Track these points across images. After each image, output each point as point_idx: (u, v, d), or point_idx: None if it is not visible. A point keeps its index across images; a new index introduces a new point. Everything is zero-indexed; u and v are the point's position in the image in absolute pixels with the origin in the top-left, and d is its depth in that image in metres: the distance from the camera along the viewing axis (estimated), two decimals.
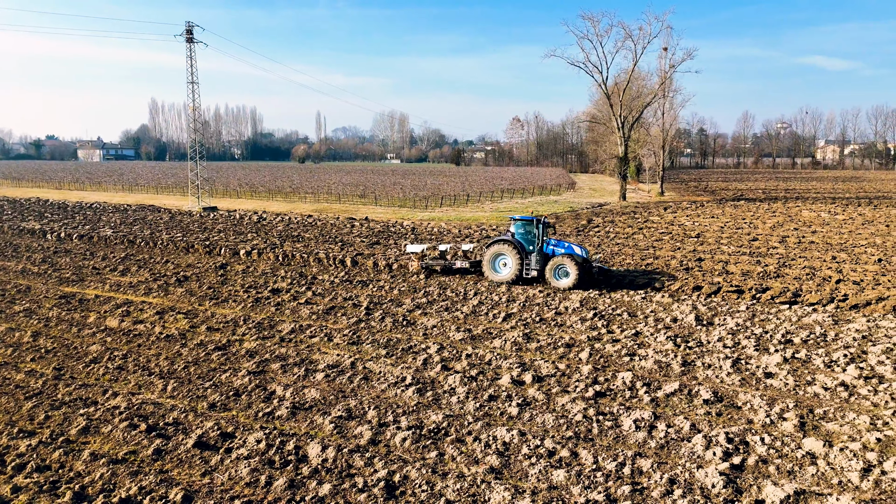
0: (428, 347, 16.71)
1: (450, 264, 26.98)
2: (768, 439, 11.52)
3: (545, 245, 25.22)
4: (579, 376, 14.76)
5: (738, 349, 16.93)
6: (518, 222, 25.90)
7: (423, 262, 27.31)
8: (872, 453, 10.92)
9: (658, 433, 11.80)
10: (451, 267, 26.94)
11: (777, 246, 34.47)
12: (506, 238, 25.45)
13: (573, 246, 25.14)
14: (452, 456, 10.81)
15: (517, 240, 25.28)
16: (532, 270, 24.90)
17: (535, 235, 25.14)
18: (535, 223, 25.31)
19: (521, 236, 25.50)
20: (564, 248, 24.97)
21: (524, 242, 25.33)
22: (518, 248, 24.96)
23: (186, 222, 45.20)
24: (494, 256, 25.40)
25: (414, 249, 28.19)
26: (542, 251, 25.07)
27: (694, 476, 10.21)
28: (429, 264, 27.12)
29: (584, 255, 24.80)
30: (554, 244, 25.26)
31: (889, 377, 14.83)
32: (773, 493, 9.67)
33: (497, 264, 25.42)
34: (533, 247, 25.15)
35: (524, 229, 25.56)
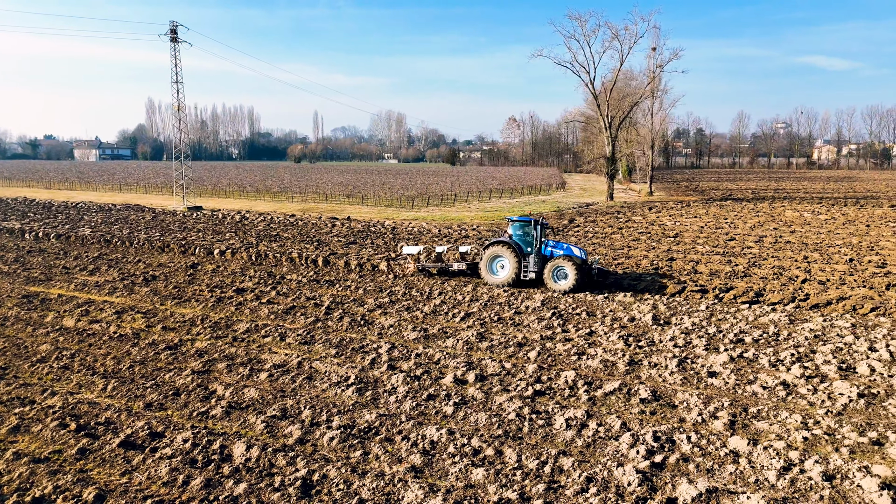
0: (379, 347, 16.76)
1: (447, 266, 26.57)
2: (695, 438, 11.59)
3: (543, 246, 24.72)
4: (523, 375, 14.82)
5: (687, 348, 16.99)
6: (516, 223, 25.42)
7: (419, 264, 26.92)
8: (795, 452, 10.99)
9: (587, 432, 11.86)
10: (448, 269, 26.52)
11: (752, 246, 34.54)
12: (503, 240, 25.00)
13: (572, 247, 24.66)
14: (377, 455, 10.87)
15: (515, 241, 24.81)
16: (530, 272, 24.39)
17: (533, 237, 24.66)
18: (533, 224, 24.79)
19: (519, 238, 25.02)
20: (563, 250, 24.50)
21: (522, 244, 24.83)
22: (516, 249, 24.50)
23: (168, 222, 45.22)
24: (492, 258, 24.96)
25: (410, 251, 27.72)
26: (540, 253, 24.57)
27: (612, 474, 10.27)
28: (425, 266, 26.75)
29: (582, 257, 24.38)
30: (552, 245, 24.79)
31: (831, 377, 14.91)
32: (686, 492, 9.73)
33: (494, 266, 24.99)
34: (531, 248, 24.66)
35: (522, 231, 25.08)
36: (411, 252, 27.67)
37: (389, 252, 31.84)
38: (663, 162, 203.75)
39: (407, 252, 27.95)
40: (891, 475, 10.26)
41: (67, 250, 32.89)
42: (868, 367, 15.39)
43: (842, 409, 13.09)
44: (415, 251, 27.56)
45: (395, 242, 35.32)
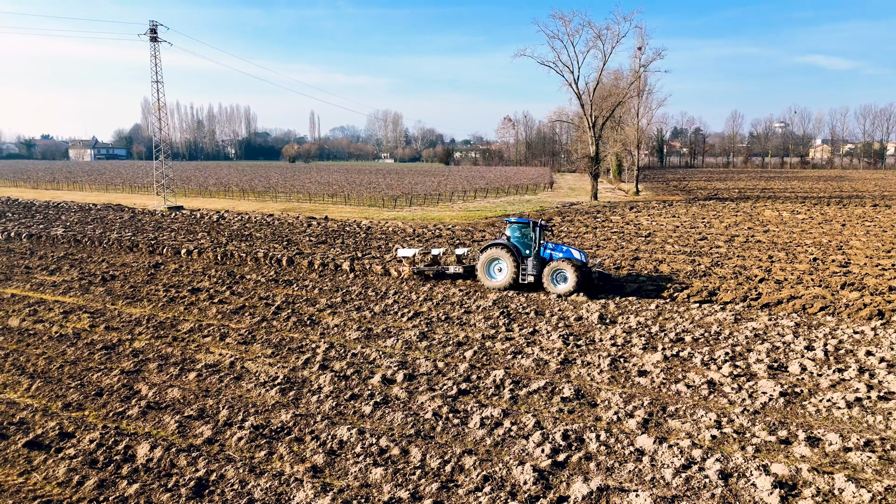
0: (318, 347, 16.79)
1: (443, 269, 25.96)
2: (604, 436, 11.63)
3: (542, 249, 24.11)
4: (454, 374, 14.85)
5: (625, 348, 17.03)
6: (514, 225, 24.83)
7: (414, 267, 26.37)
8: (699, 451, 11.03)
9: (500, 431, 11.89)
10: (445, 272, 25.91)
11: (721, 245, 34.59)
12: (501, 242, 24.36)
13: (572, 250, 24.10)
14: (281, 455, 10.90)
15: (513, 244, 24.20)
16: (528, 276, 23.78)
17: (532, 239, 24.08)
18: (532, 226, 24.22)
19: (517, 240, 24.42)
20: (563, 253, 23.88)
21: (520, 246, 24.23)
22: (514, 252, 23.88)
23: (144, 222, 45.20)
24: (489, 261, 24.31)
25: (405, 254, 27.01)
26: (539, 255, 23.97)
27: (511, 473, 10.30)
28: (421, 269, 26.19)
29: (583, 260, 23.80)
30: (552, 248, 24.15)
31: (760, 375, 14.95)
32: (578, 490, 9.77)
33: (492, 269, 24.35)
34: (529, 251, 24.09)
35: (520, 232, 24.49)
36: (406, 255, 26.96)
37: (355, 252, 31.86)
38: (657, 161, 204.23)
39: (402, 255, 27.18)
40: (787, 474, 10.30)
41: (35, 250, 32.89)
42: (799, 367, 15.44)
43: (760, 407, 13.14)
44: (410, 254, 26.89)
45: (365, 243, 35.35)
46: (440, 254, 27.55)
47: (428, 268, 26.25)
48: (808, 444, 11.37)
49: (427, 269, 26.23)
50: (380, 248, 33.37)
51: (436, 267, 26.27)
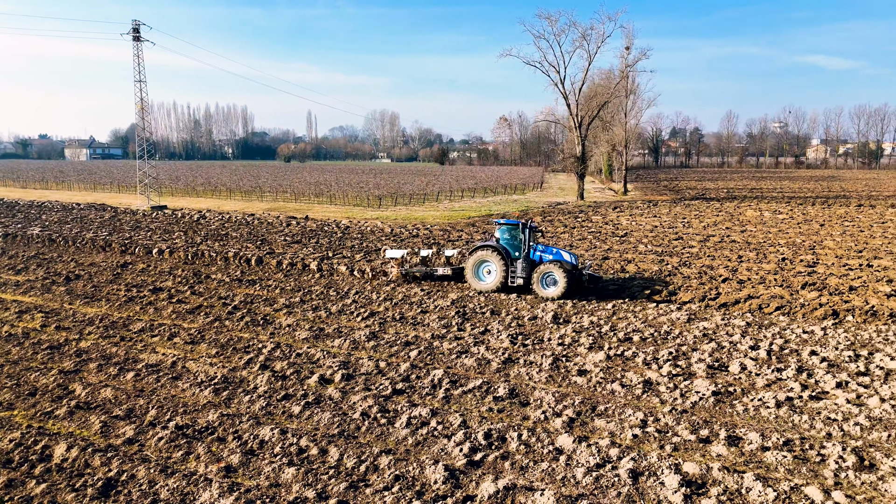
0: (264, 347, 16.81)
1: (431, 271, 25.67)
2: (526, 435, 11.66)
3: (532, 251, 23.66)
4: (393, 375, 14.88)
5: (571, 347, 17.06)
6: (503, 227, 24.43)
7: (403, 268, 26.05)
8: (616, 450, 11.06)
9: (424, 430, 11.92)
10: (433, 274, 25.59)
11: (694, 245, 34.63)
12: (490, 244, 23.96)
13: (562, 252, 23.62)
14: (198, 455, 10.92)
15: (502, 245, 23.80)
16: (518, 278, 23.33)
17: (522, 241, 23.66)
18: (521, 228, 23.81)
19: (507, 242, 24.01)
20: (552, 255, 23.41)
21: (510, 248, 23.81)
22: (503, 254, 23.45)
23: (124, 221, 45.20)
24: (478, 263, 23.88)
25: (393, 255, 26.57)
26: (528, 258, 23.50)
27: (423, 472, 10.33)
28: (409, 271, 25.91)
29: (573, 262, 23.32)
30: (541, 250, 23.68)
31: (699, 375, 14.99)
32: (486, 489, 9.80)
33: (481, 272, 23.95)
34: (519, 253, 23.65)
35: (509, 234, 24.08)
36: (394, 256, 26.57)
37: (327, 251, 31.86)
38: (652, 161, 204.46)
39: (390, 256, 26.79)
40: (698, 473, 10.34)
41: (6, 249, 32.88)
42: (739, 366, 15.49)
43: (690, 407, 13.18)
44: (398, 255, 26.47)
45: (339, 242, 35.36)
46: (429, 255, 27.17)
47: (416, 269, 25.92)
48: (727, 444, 11.40)
49: (415, 270, 25.90)
50: (353, 247, 33.40)
51: (424, 268, 25.94)
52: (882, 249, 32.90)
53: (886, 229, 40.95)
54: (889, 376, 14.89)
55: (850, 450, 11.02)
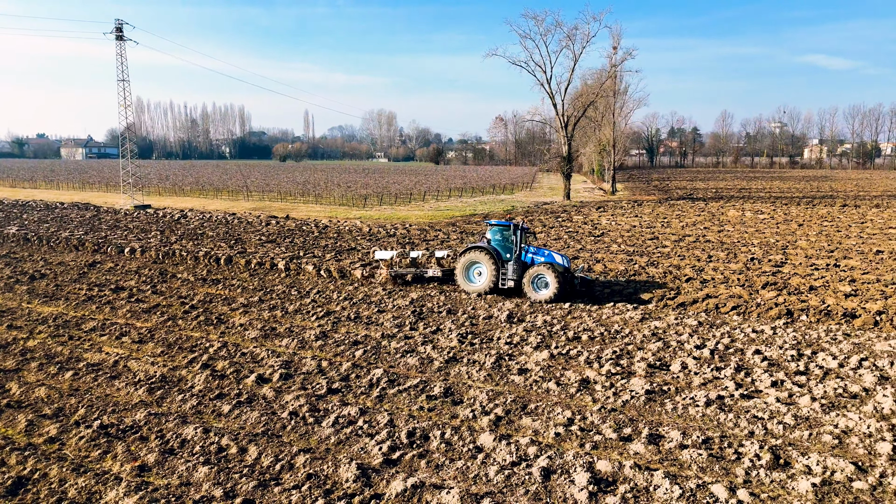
0: (211, 346, 16.84)
1: (422, 272, 25.27)
2: (450, 434, 11.69)
3: (524, 253, 23.32)
4: (333, 374, 14.91)
5: (518, 346, 17.10)
6: (494, 228, 24.13)
7: (392, 270, 25.55)
8: (535, 448, 11.09)
9: (349, 430, 11.95)
10: (423, 275, 25.21)
11: (667, 245, 34.68)
12: (481, 245, 23.57)
13: (554, 254, 23.20)
14: (116, 454, 10.94)
15: (493, 247, 23.49)
16: (509, 280, 22.97)
17: (513, 242, 23.31)
18: (513, 229, 23.44)
19: (498, 243, 23.70)
20: (544, 257, 23.05)
21: (501, 250, 23.52)
22: (494, 255, 23.11)
23: (104, 220, 45.18)
24: (468, 265, 23.53)
25: (382, 256, 26.03)
26: (519, 259, 23.16)
27: (336, 471, 10.36)
28: (398, 272, 25.43)
29: (565, 265, 22.89)
30: (533, 252, 23.33)
31: (639, 374, 15.04)
32: (395, 487, 9.83)
33: (471, 273, 23.61)
34: (510, 255, 23.32)
35: (501, 235, 23.77)
36: (383, 257, 26.04)
37: (299, 251, 31.88)
38: (647, 161, 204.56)
39: (379, 257, 26.26)
40: (610, 471, 10.38)
41: None
42: (681, 365, 15.53)
43: (620, 406, 13.22)
44: (387, 256, 25.93)
45: (313, 242, 35.38)
46: (419, 256, 26.69)
47: (406, 270, 25.47)
48: (648, 442, 11.44)
49: (405, 271, 25.45)
50: (326, 247, 33.42)
51: (414, 270, 25.51)
52: (854, 249, 32.97)
53: (863, 229, 41.04)
54: (827, 376, 14.95)
55: (767, 448, 11.07)
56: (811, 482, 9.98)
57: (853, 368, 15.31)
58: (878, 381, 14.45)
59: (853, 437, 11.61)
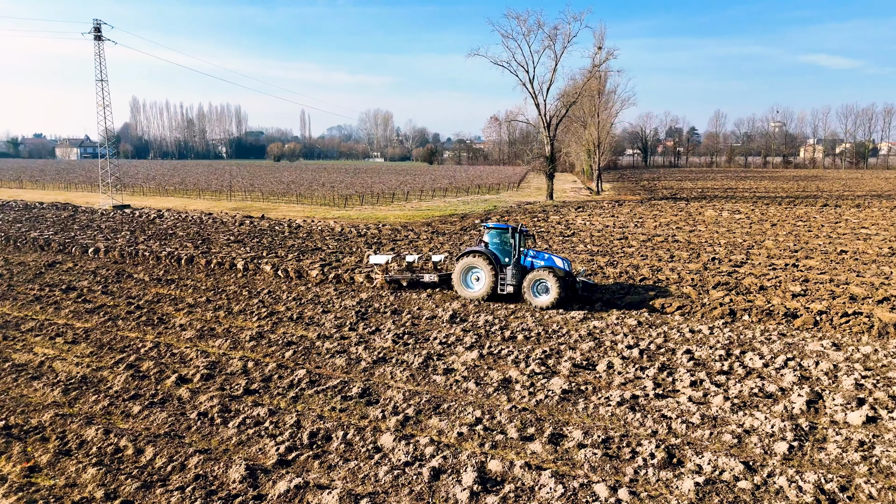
0: (143, 347, 16.83)
1: (417, 277, 24.38)
2: (352, 434, 11.70)
3: (523, 257, 22.46)
4: (256, 374, 14.91)
5: (451, 346, 17.10)
6: (492, 231, 23.23)
7: (387, 275, 24.86)
8: (432, 447, 11.10)
9: (253, 430, 11.95)
10: (419, 280, 24.35)
11: (634, 245, 34.71)
12: (478, 249, 22.74)
13: (554, 258, 22.31)
14: (11, 455, 10.92)
15: (491, 251, 22.57)
16: (508, 286, 22.07)
17: (512, 246, 22.41)
18: (511, 232, 22.55)
19: (496, 247, 22.81)
20: (544, 261, 22.15)
21: (499, 254, 22.58)
22: (492, 260, 22.22)
23: (79, 220, 45.14)
24: (466, 270, 22.71)
25: (377, 261, 25.52)
26: (519, 264, 22.25)
27: (226, 472, 10.36)
28: (394, 277, 24.61)
29: (566, 269, 22.12)
30: (533, 256, 22.45)
31: (562, 373, 15.05)
32: (279, 488, 9.83)
33: (469, 279, 22.78)
34: (509, 259, 22.39)
35: (499, 239, 22.87)
36: (378, 262, 25.50)
37: (262, 251, 31.88)
38: (641, 161, 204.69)
39: (374, 262, 25.72)
40: (500, 470, 10.38)
41: None
42: (606, 365, 15.55)
43: (534, 405, 13.23)
44: (382, 261, 25.39)
45: (280, 242, 35.37)
46: (414, 260, 25.94)
47: (401, 276, 24.67)
48: (548, 442, 11.45)
49: (400, 277, 24.60)
50: (291, 247, 33.41)
51: (410, 275, 24.67)
52: (818, 250, 33.01)
53: (835, 230, 41.08)
54: (749, 375, 14.97)
55: (663, 448, 11.08)
56: (695, 481, 9.99)
57: (777, 368, 15.33)
58: (797, 381, 14.47)
59: (753, 437, 11.63)
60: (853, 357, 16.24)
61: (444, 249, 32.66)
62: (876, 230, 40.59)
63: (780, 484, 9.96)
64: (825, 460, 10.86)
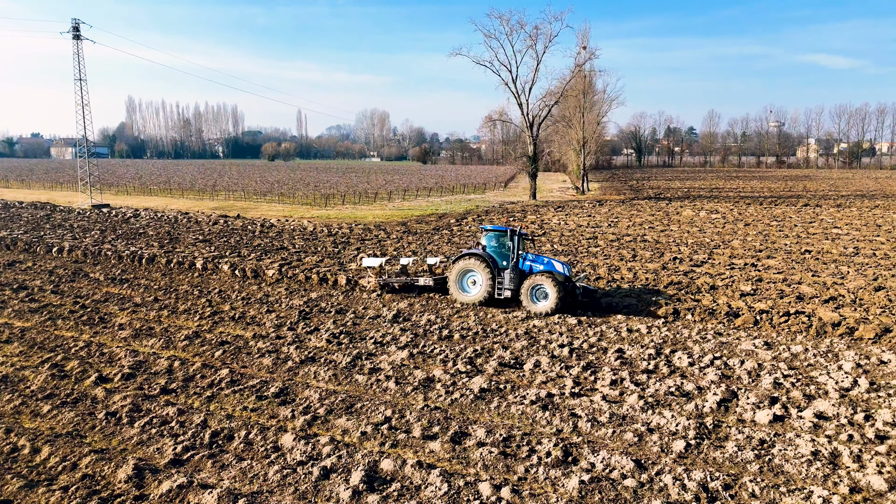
0: (74, 346, 16.77)
1: (412, 281, 23.62)
2: (254, 434, 11.67)
3: (521, 261, 21.69)
4: (179, 374, 14.84)
5: (385, 346, 17.07)
6: (490, 233, 22.54)
7: (380, 278, 24.03)
8: (330, 447, 11.06)
9: (156, 430, 11.90)
10: (414, 284, 23.56)
11: (601, 245, 34.70)
12: (475, 252, 22.00)
13: (553, 262, 21.51)
14: None
15: (488, 254, 21.86)
16: (505, 290, 21.35)
17: (510, 249, 21.74)
18: (510, 235, 21.86)
19: (494, 250, 22.15)
20: (543, 265, 21.37)
21: (497, 257, 21.90)
22: (489, 263, 21.48)
23: (53, 220, 45.06)
24: (462, 273, 22.00)
25: (370, 264, 24.61)
26: (517, 268, 21.48)
27: (115, 472, 10.32)
28: (387, 281, 23.83)
29: (566, 274, 21.24)
30: (531, 260, 21.69)
31: (488, 372, 15.01)
32: (163, 487, 9.80)
33: (465, 282, 22.06)
34: (507, 262, 21.68)
35: (497, 241, 22.23)
36: (371, 265, 24.60)
37: (226, 250, 31.83)
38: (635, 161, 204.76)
39: (367, 265, 24.87)
40: (390, 469, 10.35)
41: None
42: (534, 363, 15.53)
43: (448, 404, 13.21)
44: (376, 263, 24.47)
45: (247, 241, 35.34)
46: (409, 263, 25.29)
47: (395, 279, 23.90)
48: (450, 441, 11.42)
49: (394, 280, 23.87)
50: (257, 246, 33.38)
51: (404, 278, 23.92)
52: (783, 249, 33.02)
53: (808, 229, 41.10)
54: (672, 374, 14.96)
55: (561, 446, 11.07)
56: (580, 479, 9.97)
57: (702, 367, 15.32)
58: (718, 380, 14.46)
59: (655, 436, 11.62)
60: (781, 356, 16.23)
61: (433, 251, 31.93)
62: (847, 230, 40.61)
63: (666, 482, 9.95)
64: (719, 459, 10.85)
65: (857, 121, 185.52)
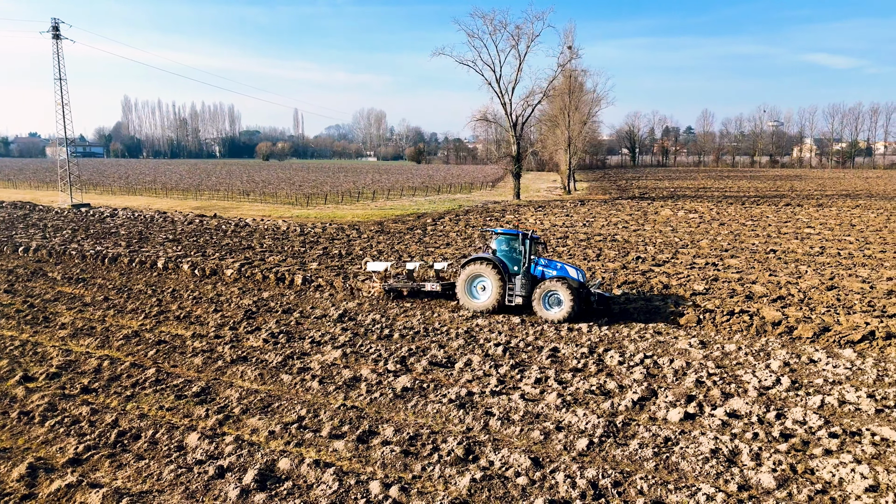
0: (11, 345, 16.75)
1: (419, 286, 22.83)
2: (161, 433, 11.64)
3: (533, 266, 20.84)
4: (106, 373, 14.80)
5: (321, 345, 17.04)
6: (500, 237, 21.54)
7: (385, 283, 23.22)
8: (233, 446, 11.06)
9: (64, 429, 11.86)
10: (421, 289, 22.78)
11: (569, 244, 34.71)
12: (485, 256, 21.10)
13: (567, 267, 20.69)
14: None
15: (499, 258, 20.96)
16: (516, 296, 20.47)
17: (521, 253, 20.87)
18: (521, 238, 20.96)
19: (504, 254, 21.22)
20: (556, 270, 20.56)
21: (507, 262, 20.98)
22: (500, 268, 20.58)
23: (29, 219, 45.05)
24: (471, 278, 21.03)
25: (375, 268, 23.94)
26: (528, 273, 20.63)
27: (10, 471, 10.32)
28: (393, 286, 22.98)
29: (580, 280, 20.30)
30: (544, 265, 20.83)
31: (416, 371, 15.01)
32: (52, 486, 9.79)
33: (474, 288, 21.10)
34: (518, 267, 20.77)
35: (508, 245, 21.28)
36: (376, 269, 23.90)
37: (191, 250, 31.80)
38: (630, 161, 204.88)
39: (371, 269, 24.16)
40: (287, 468, 10.34)
41: None
42: (465, 362, 15.53)
43: (367, 403, 13.20)
44: (381, 268, 23.81)
45: (216, 240, 35.31)
46: (415, 268, 24.30)
47: (401, 284, 23.06)
48: (356, 440, 11.41)
49: (401, 285, 23.02)
50: (226, 245, 33.36)
51: (411, 283, 23.15)
52: (749, 249, 33.03)
53: (780, 229, 41.13)
54: (598, 373, 14.97)
55: (465, 444, 11.06)
56: (473, 477, 9.97)
57: (630, 366, 15.33)
58: (642, 378, 14.47)
59: (561, 434, 11.62)
60: (712, 355, 16.25)
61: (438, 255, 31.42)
62: (820, 230, 40.65)
63: (557, 479, 9.95)
64: (619, 457, 10.85)
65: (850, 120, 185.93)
